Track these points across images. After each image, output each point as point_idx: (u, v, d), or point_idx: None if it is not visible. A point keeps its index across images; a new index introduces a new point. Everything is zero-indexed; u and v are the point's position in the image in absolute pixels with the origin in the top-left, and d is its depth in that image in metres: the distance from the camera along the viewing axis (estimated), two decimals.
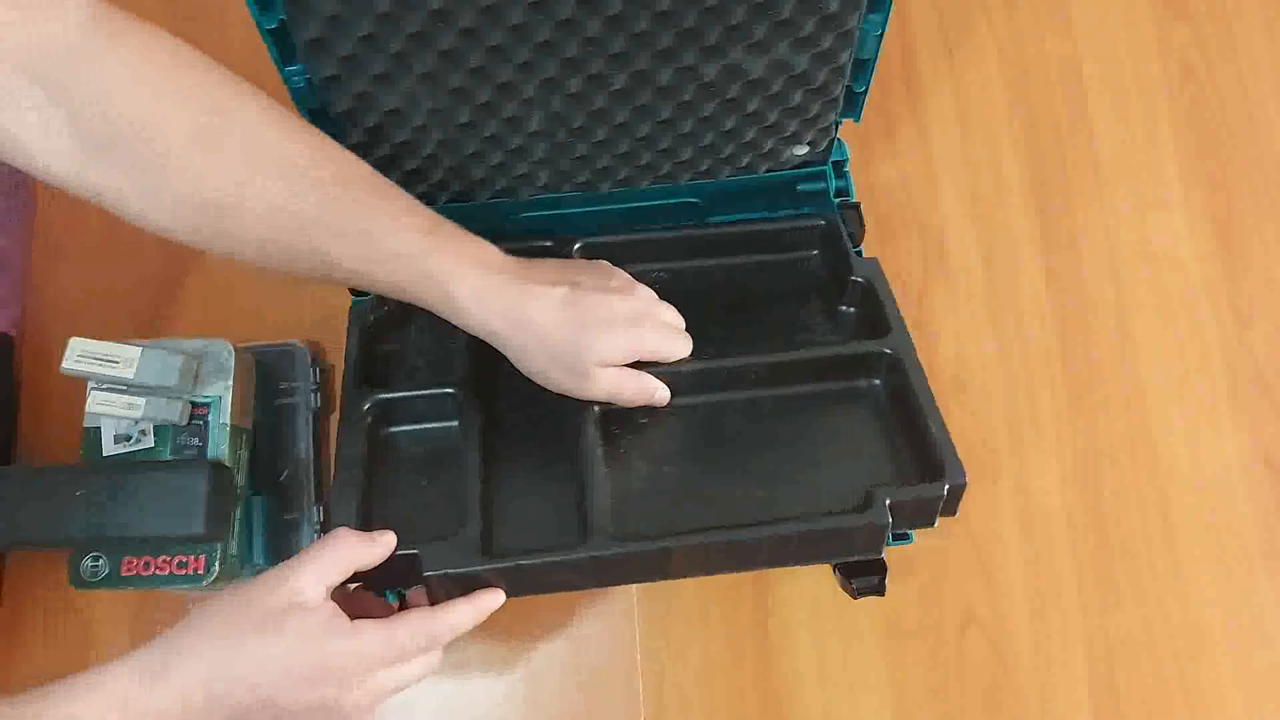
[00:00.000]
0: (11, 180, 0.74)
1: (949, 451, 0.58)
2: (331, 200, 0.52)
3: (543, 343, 0.56)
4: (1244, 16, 0.82)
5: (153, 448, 0.62)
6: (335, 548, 0.51)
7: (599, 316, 0.57)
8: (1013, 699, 0.68)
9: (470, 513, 0.57)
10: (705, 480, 0.60)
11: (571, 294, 0.57)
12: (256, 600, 0.49)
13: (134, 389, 0.61)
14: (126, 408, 0.61)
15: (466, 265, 0.55)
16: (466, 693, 0.68)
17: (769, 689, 0.68)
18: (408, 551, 0.54)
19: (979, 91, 0.81)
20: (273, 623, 0.48)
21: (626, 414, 0.62)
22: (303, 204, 0.51)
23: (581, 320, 0.56)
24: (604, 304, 0.58)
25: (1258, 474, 0.72)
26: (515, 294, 0.56)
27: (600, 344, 0.57)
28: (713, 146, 0.67)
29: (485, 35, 0.56)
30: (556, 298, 0.56)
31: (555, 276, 0.58)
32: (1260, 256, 0.77)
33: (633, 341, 0.58)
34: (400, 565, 0.54)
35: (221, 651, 0.48)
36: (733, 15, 0.56)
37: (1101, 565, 0.70)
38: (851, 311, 0.69)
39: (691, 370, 0.62)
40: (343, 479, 0.59)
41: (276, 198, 0.50)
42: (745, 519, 0.55)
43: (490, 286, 0.55)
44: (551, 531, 0.58)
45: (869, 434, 0.62)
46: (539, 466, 0.63)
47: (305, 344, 0.71)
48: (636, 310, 0.60)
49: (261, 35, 0.55)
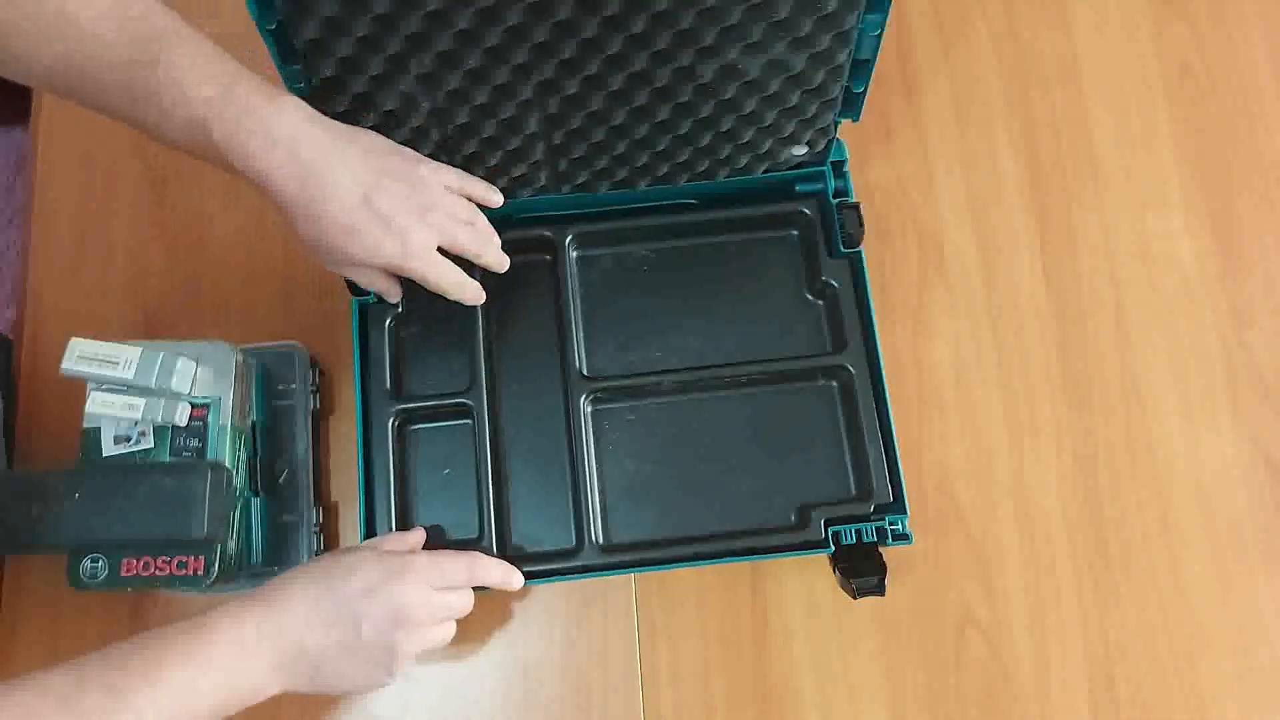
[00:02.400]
0: (9, 180, 0.75)
1: (881, 475, 0.66)
2: (131, 39, 0.52)
3: (327, 228, 0.58)
4: (1242, 15, 0.82)
5: (152, 449, 0.62)
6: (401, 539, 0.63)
7: (391, 217, 0.59)
8: (1011, 699, 0.68)
9: (486, 520, 0.66)
10: (677, 480, 0.69)
11: (371, 195, 0.58)
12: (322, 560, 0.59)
13: (133, 390, 0.61)
14: (126, 408, 0.61)
15: (259, 140, 0.54)
16: (465, 692, 0.68)
17: (768, 688, 0.68)
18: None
19: (977, 90, 0.81)
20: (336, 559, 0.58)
21: (616, 411, 0.70)
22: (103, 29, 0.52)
23: (362, 218, 0.58)
24: (400, 205, 0.59)
25: (1257, 474, 0.72)
26: (312, 177, 0.56)
27: (371, 249, 0.59)
28: (711, 147, 0.67)
29: (483, 37, 0.56)
30: (356, 196, 0.57)
31: (359, 169, 0.58)
32: (1259, 256, 0.77)
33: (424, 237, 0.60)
34: None
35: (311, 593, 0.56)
36: (730, 16, 0.56)
37: (1100, 566, 0.70)
38: (821, 304, 0.72)
39: (656, 378, 0.70)
40: (376, 486, 0.67)
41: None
42: (704, 526, 0.67)
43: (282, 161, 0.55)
44: (553, 527, 0.67)
45: (821, 444, 0.69)
46: (541, 463, 0.69)
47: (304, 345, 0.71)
48: (431, 206, 0.61)
49: (261, 35, 0.55)
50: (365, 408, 0.67)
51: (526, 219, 0.72)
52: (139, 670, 0.50)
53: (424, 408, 0.68)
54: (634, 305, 0.72)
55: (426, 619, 0.58)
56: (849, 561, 0.65)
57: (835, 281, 0.70)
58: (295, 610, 0.55)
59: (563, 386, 0.69)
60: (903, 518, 0.65)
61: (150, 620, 0.69)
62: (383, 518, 0.66)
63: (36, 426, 0.72)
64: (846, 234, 0.70)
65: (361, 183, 0.57)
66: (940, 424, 0.73)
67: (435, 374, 0.70)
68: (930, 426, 0.73)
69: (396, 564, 0.58)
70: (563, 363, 0.70)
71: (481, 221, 0.65)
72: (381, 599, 0.56)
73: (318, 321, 0.74)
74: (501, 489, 0.68)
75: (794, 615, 0.69)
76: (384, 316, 0.69)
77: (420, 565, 0.59)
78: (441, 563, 0.60)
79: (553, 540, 0.67)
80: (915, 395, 0.73)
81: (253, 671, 0.53)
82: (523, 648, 0.69)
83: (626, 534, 0.67)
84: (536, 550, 0.67)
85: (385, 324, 0.69)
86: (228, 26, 0.68)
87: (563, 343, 0.70)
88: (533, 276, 0.72)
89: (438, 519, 0.68)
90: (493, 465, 0.67)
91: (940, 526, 0.71)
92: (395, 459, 0.67)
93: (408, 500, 0.68)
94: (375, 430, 0.67)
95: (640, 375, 0.70)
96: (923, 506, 0.71)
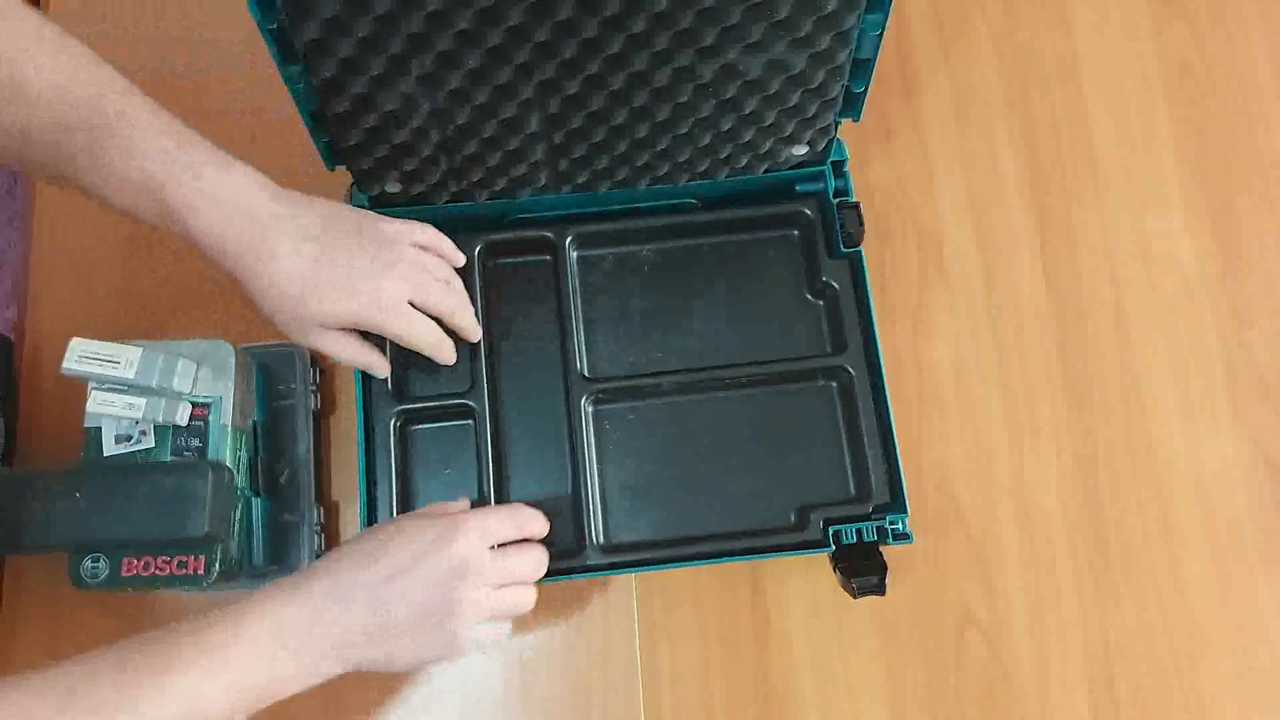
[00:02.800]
0: (9, 180, 0.74)
1: (881, 475, 0.67)
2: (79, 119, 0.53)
3: (280, 293, 0.57)
4: (1242, 15, 0.82)
5: (153, 448, 0.62)
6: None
7: (353, 273, 0.59)
8: (1011, 700, 0.68)
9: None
10: (677, 480, 0.69)
11: (329, 254, 0.58)
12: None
13: (134, 389, 0.61)
14: (127, 408, 0.61)
15: (208, 202, 0.55)
16: (464, 692, 0.68)
17: (768, 688, 0.68)
18: None
19: (977, 90, 0.81)
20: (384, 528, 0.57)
21: (617, 412, 0.70)
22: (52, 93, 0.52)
23: (318, 278, 0.58)
24: (364, 262, 0.59)
25: (1257, 474, 0.72)
26: (262, 240, 0.56)
27: (331, 307, 0.59)
28: (711, 147, 0.67)
29: (484, 37, 0.56)
30: (308, 255, 0.57)
31: (314, 229, 0.58)
32: (1259, 256, 0.77)
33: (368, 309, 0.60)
34: None
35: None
36: (730, 16, 0.56)
37: (1100, 566, 0.70)
38: (821, 304, 0.72)
39: (656, 379, 0.70)
40: (378, 486, 0.66)
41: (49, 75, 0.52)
42: (705, 526, 0.67)
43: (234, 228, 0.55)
44: (554, 524, 0.64)
45: (821, 444, 0.70)
46: (541, 464, 0.69)
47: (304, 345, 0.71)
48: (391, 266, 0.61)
49: (262, 35, 0.55)
50: (367, 408, 0.68)
51: (527, 219, 0.72)
52: (148, 669, 0.49)
53: (425, 408, 0.69)
54: (635, 305, 0.72)
55: (493, 574, 0.56)
56: (849, 561, 0.65)
57: (835, 282, 0.70)
58: (320, 596, 0.53)
59: (563, 387, 0.69)
60: (903, 517, 0.65)
61: (150, 620, 0.69)
62: (384, 517, 0.66)
63: (36, 427, 0.72)
64: (847, 234, 0.70)
65: (316, 241, 0.57)
66: (940, 424, 0.73)
67: (436, 374, 0.70)
68: (930, 426, 0.73)
69: (444, 523, 0.56)
70: (563, 363, 0.70)
71: (458, 283, 0.65)
72: (434, 561, 0.54)
73: None
74: (502, 489, 0.68)
75: (794, 615, 0.69)
76: None
77: (470, 522, 0.57)
78: (486, 514, 0.58)
79: (553, 540, 0.67)
80: (915, 395, 0.73)
81: (271, 668, 0.52)
82: (523, 647, 0.69)
83: (627, 534, 0.68)
84: None
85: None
86: (228, 30, 0.68)
87: (563, 343, 0.70)
88: (533, 276, 0.72)
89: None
90: (494, 465, 0.67)
91: (940, 526, 0.71)
92: (397, 459, 0.67)
93: (409, 500, 0.68)
94: (377, 430, 0.67)
95: (641, 376, 0.70)
96: (923, 506, 0.71)
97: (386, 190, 0.68)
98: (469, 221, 0.71)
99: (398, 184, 0.68)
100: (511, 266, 0.72)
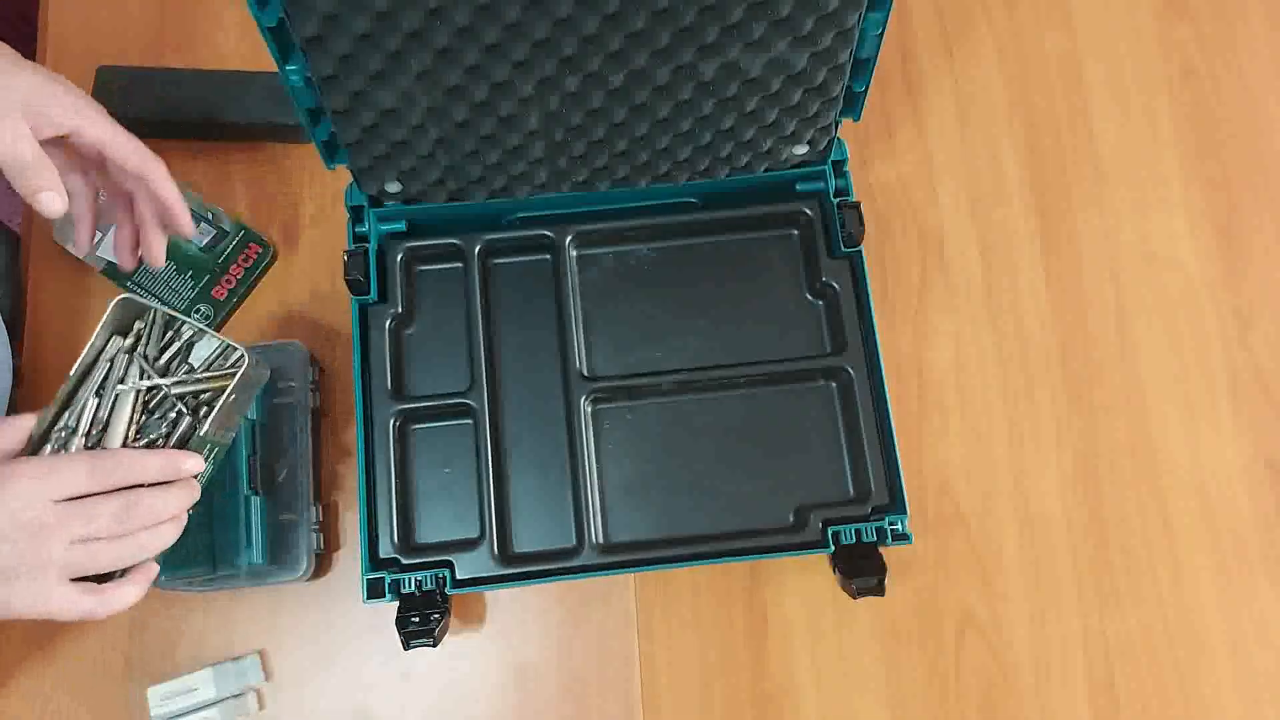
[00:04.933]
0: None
1: (880, 475, 0.66)
2: None
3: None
4: (1246, 16, 0.82)
5: None
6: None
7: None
8: (1010, 701, 0.67)
9: (486, 519, 0.66)
10: (677, 480, 0.69)
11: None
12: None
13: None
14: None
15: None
16: (463, 692, 0.68)
17: (767, 688, 0.68)
18: (443, 558, 0.65)
19: (979, 91, 0.80)
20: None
21: (616, 411, 0.70)
22: None
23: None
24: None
25: (1258, 476, 0.72)
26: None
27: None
28: (711, 146, 0.67)
29: (482, 33, 0.56)
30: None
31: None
32: (1261, 257, 0.77)
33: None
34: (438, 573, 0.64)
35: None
36: (731, 13, 0.56)
37: (1100, 568, 0.70)
38: (821, 304, 0.72)
39: (656, 379, 0.69)
40: (378, 486, 0.66)
41: None
42: (704, 526, 0.67)
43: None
44: (553, 526, 0.67)
45: (821, 444, 0.69)
46: (541, 463, 0.69)
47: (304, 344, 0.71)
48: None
49: (261, 33, 0.55)
50: (366, 407, 0.67)
51: (526, 218, 0.72)
52: None
53: (424, 407, 0.68)
54: (634, 305, 0.72)
55: (65, 532, 0.51)
56: (849, 561, 0.65)
57: (835, 281, 0.70)
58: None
59: (563, 386, 0.69)
60: (903, 518, 0.65)
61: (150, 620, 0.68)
62: (384, 517, 0.66)
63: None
64: (847, 233, 0.70)
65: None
66: (940, 424, 0.73)
67: (436, 374, 0.70)
68: (930, 427, 0.73)
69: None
70: (563, 362, 0.69)
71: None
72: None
73: (316, 320, 0.74)
74: (502, 488, 0.68)
75: (794, 615, 0.69)
76: (384, 316, 0.69)
77: (25, 470, 0.51)
78: (58, 467, 0.52)
79: (552, 540, 0.67)
80: (915, 395, 0.73)
81: None
82: (521, 647, 0.69)
83: (626, 534, 0.67)
84: (536, 550, 0.67)
85: (385, 324, 0.69)
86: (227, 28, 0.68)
87: (563, 342, 0.70)
88: (533, 276, 0.72)
89: (438, 518, 0.68)
90: (493, 465, 0.67)
91: (940, 527, 0.71)
92: (396, 459, 0.67)
93: (408, 499, 0.68)
94: (376, 430, 0.67)
95: (640, 375, 0.70)
96: (923, 507, 0.71)
97: (386, 189, 0.68)
98: (468, 220, 0.71)
99: (397, 182, 0.68)
100: (511, 265, 0.72)
